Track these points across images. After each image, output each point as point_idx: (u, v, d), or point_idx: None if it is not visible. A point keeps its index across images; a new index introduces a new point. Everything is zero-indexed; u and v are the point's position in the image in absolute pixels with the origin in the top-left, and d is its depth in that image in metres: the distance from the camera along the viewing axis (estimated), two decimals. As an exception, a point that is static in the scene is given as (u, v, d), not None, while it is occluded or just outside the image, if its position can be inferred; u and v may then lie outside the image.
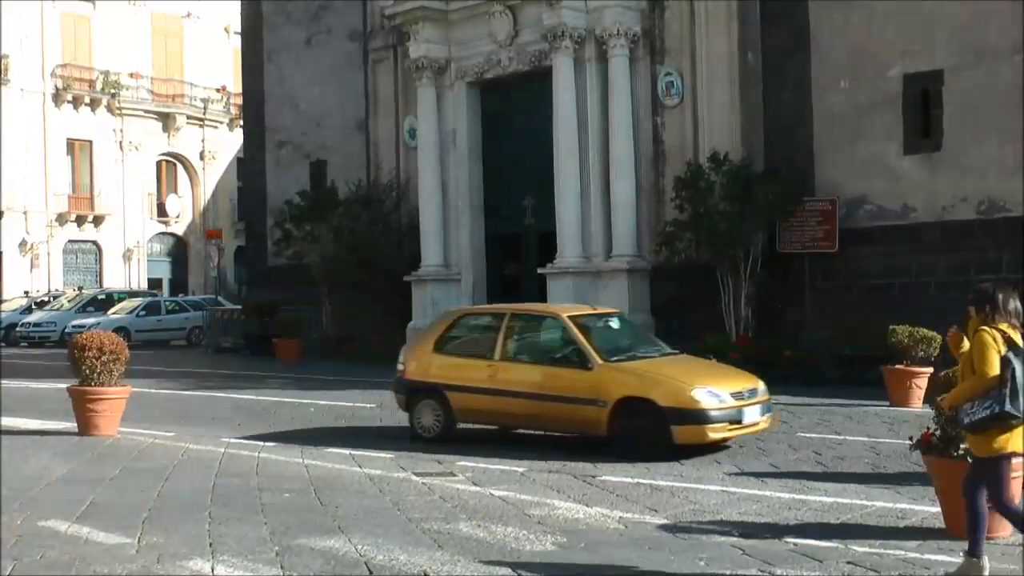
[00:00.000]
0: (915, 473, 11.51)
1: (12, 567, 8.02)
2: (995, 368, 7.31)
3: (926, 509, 9.88)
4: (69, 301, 45.99)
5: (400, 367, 15.66)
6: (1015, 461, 7.77)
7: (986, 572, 7.48)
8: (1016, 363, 7.29)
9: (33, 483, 11.34)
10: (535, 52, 28.42)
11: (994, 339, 7.40)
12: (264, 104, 37.72)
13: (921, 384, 18.35)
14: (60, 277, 55.18)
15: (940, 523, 9.14)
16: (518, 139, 29.78)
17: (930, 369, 17.97)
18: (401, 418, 15.89)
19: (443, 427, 14.95)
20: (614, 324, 15.62)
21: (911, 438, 9.56)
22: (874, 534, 9.10)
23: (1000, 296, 7.54)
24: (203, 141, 60.19)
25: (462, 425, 15.04)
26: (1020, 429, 7.40)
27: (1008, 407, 7.24)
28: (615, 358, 14.08)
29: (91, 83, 55.87)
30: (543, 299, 27.51)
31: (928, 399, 12.10)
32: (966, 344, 7.78)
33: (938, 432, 9.09)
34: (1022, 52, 21.65)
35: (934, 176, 22.93)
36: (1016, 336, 7.45)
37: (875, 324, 21.20)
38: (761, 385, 14.22)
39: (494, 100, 30.55)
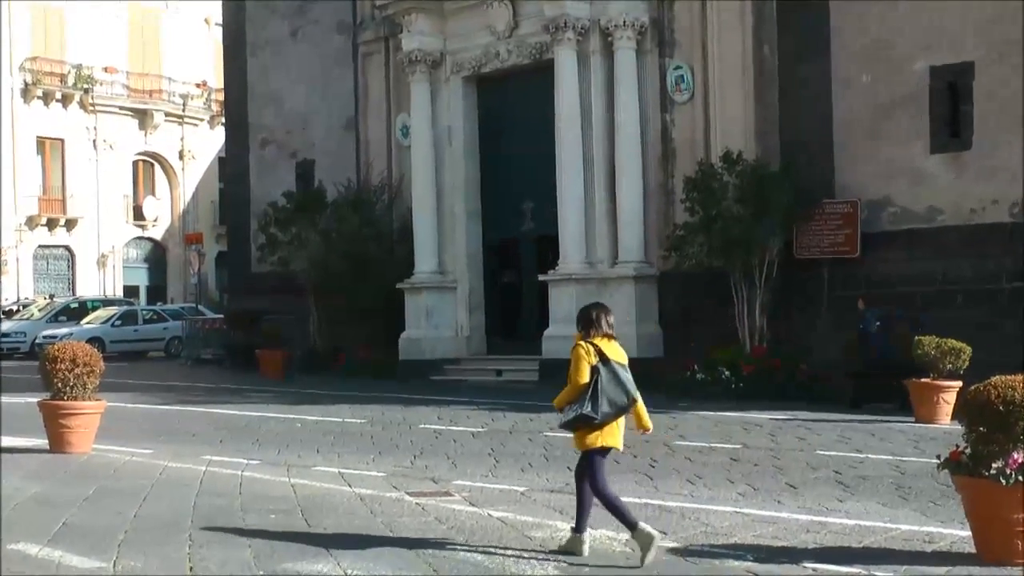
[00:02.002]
0: (943, 493, 11.49)
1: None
2: (585, 376, 9.12)
3: (955, 532, 9.85)
4: (40, 310, 45.99)
5: None
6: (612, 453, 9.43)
7: (585, 547, 9.20)
8: (603, 372, 9.08)
9: (2, 504, 11.31)
10: (536, 44, 28.44)
11: (587, 352, 9.20)
12: (247, 100, 37.73)
13: (949, 399, 18.35)
14: (30, 285, 55.18)
15: (971, 547, 9.11)
16: (517, 137, 29.78)
17: (959, 383, 17.94)
18: (393, 434, 15.87)
19: None
20: None
21: (939, 456, 9.53)
22: (899, 559, 9.07)
23: (594, 315, 9.41)
24: (182, 140, 60.21)
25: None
26: (613, 426, 9.17)
27: (587, 410, 9.00)
28: None
29: (63, 78, 55.86)
30: (544, 309, 27.55)
31: (957, 415, 12.08)
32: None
33: (968, 450, 9.06)
34: (1055, 45, 21.67)
35: (962, 177, 22.92)
36: (609, 348, 9.22)
37: (899, 334, 21.20)
38: None
39: (492, 96, 30.56)
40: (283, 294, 33.52)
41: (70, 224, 56.23)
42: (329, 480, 13.04)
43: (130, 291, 57.78)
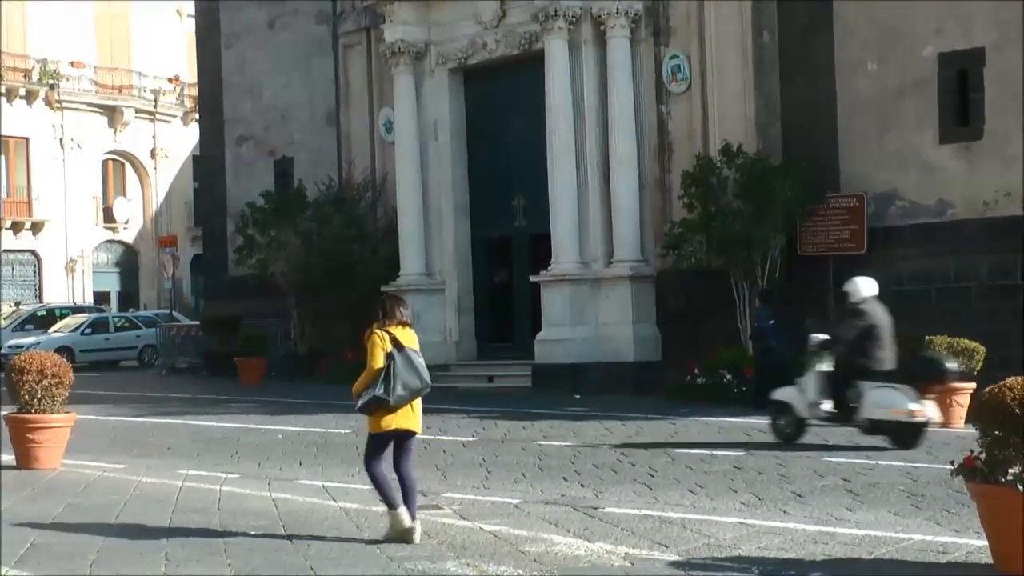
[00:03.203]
0: (957, 501, 11.50)
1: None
2: (379, 362, 10.06)
3: (970, 542, 9.87)
4: (5, 318, 45.88)
5: None
6: (393, 437, 10.38)
7: (405, 518, 10.12)
8: (397, 358, 10.04)
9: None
10: (525, 34, 28.44)
11: (382, 339, 10.16)
12: (222, 95, 37.68)
13: (963, 401, 18.38)
14: (-6, 291, 55.07)
15: (987, 558, 9.12)
16: (507, 131, 29.79)
17: (972, 384, 17.98)
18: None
19: None
20: None
21: (952, 462, 9.53)
22: (912, 570, 9.09)
23: (389, 305, 10.43)
24: (154, 137, 60.08)
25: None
26: (408, 410, 10.18)
27: (380, 392, 9.98)
28: None
29: (26, 73, 55.73)
30: (536, 310, 27.55)
31: (971, 419, 12.10)
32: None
33: (983, 455, 9.06)
34: (1070, 28, 21.72)
35: (974, 168, 22.96)
36: (403, 335, 10.21)
37: (909, 335, 21.24)
38: None
39: (479, 88, 30.57)
40: (262, 299, 33.48)
41: (36, 227, 56.06)
42: (312, 494, 13.02)
43: (100, 297, 57.66)
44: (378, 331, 10.25)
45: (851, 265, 23.99)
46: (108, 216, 58.76)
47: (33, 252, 56.65)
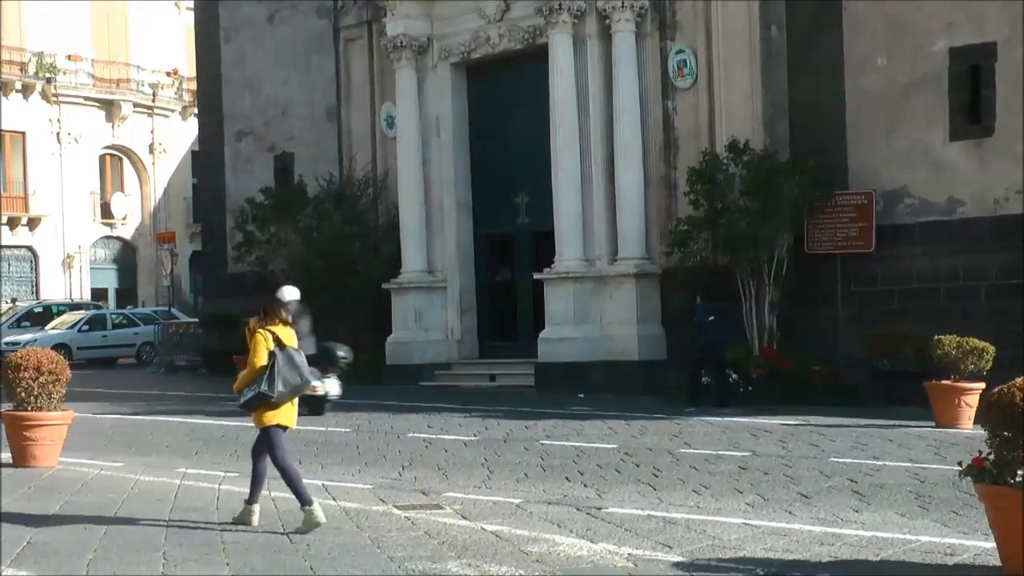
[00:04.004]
0: (965, 503, 11.51)
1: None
2: (262, 359, 10.69)
3: (978, 544, 9.88)
4: (1, 315, 45.90)
5: None
6: (285, 431, 11.20)
7: (255, 517, 10.92)
8: (279, 356, 10.69)
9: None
10: (529, 28, 28.45)
11: (265, 338, 10.78)
12: (221, 90, 37.71)
13: (971, 402, 18.39)
14: (-10, 288, 55.12)
15: (995, 560, 9.13)
16: (510, 127, 29.80)
17: (981, 385, 18.01)
18: (380, 444, 15.86)
19: None
20: None
21: (960, 463, 9.55)
22: (919, 572, 9.10)
23: (273, 306, 11.14)
24: (152, 132, 60.10)
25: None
26: (289, 406, 10.96)
27: (264, 388, 10.62)
28: None
29: (23, 67, 55.75)
30: (539, 308, 27.55)
31: (980, 419, 12.11)
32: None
33: (991, 456, 9.08)
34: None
35: (984, 165, 22.97)
36: (284, 335, 10.87)
37: (918, 334, 21.26)
38: None
39: (482, 83, 30.57)
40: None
41: (33, 223, 56.10)
42: (312, 493, 13.01)
43: (98, 294, 57.68)
44: (261, 330, 10.87)
45: (859, 263, 24.07)
46: (106, 212, 58.76)
47: (30, 248, 56.66)
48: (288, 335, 10.96)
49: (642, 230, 26.85)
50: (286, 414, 11.03)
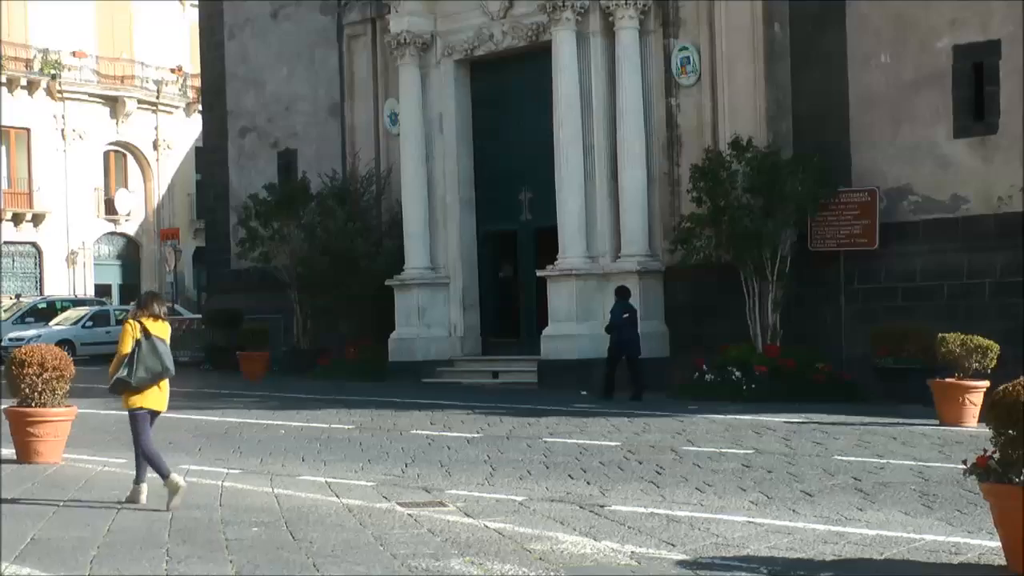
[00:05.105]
0: (970, 502, 11.48)
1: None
2: (127, 347, 11.58)
3: (983, 543, 9.85)
4: (5, 311, 45.89)
5: None
6: (148, 415, 12.04)
7: (143, 495, 11.83)
8: (143, 344, 11.57)
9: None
10: (532, 25, 28.43)
11: (132, 327, 11.67)
12: (225, 86, 37.72)
13: (975, 400, 18.36)
14: (-6, 284, 55.11)
15: (1000, 559, 9.10)
16: (513, 124, 29.79)
17: (986, 383, 17.96)
18: (383, 441, 15.84)
19: None
20: None
21: (965, 462, 9.53)
22: (923, 571, 9.07)
23: (145, 299, 12.08)
24: (156, 129, 60.09)
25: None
26: (153, 391, 11.82)
27: (124, 375, 11.57)
28: None
29: (28, 63, 55.77)
30: (543, 306, 27.54)
31: (984, 417, 12.09)
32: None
33: (996, 455, 9.04)
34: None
35: (989, 163, 22.93)
36: (154, 326, 11.71)
37: (922, 332, 21.23)
38: None
39: (486, 80, 30.55)
40: (265, 292, 33.51)
41: (37, 219, 56.11)
42: (315, 490, 13.02)
43: (102, 290, 57.70)
44: (130, 320, 11.83)
45: (863, 260, 24.03)
46: (110, 208, 58.78)
47: (34, 244, 56.69)
48: (159, 327, 11.78)
49: (645, 227, 26.84)
50: (152, 398, 11.89)
